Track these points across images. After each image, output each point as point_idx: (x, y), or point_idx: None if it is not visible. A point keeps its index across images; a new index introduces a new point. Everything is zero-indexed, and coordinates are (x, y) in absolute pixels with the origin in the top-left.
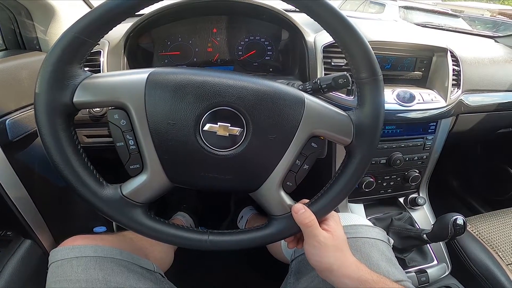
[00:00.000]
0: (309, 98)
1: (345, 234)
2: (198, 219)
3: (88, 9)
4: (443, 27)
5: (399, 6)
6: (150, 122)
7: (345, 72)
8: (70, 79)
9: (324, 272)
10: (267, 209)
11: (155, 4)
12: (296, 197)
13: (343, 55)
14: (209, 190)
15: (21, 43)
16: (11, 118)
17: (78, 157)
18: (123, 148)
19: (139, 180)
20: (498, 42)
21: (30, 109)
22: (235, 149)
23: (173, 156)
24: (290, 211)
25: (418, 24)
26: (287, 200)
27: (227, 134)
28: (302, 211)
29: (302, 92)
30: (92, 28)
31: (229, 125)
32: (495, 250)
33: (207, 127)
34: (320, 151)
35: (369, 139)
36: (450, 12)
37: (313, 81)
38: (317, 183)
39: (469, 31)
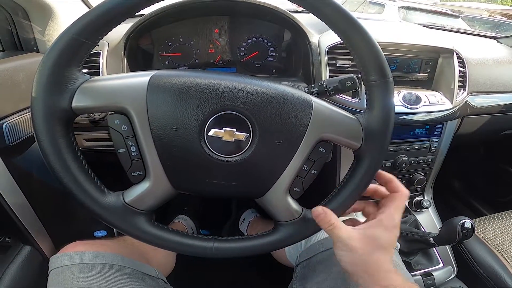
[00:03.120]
0: (316, 101)
1: None
2: (199, 222)
3: (87, 9)
4: (446, 28)
5: (399, 7)
6: (153, 128)
7: (352, 74)
8: (68, 82)
9: (354, 277)
10: (273, 215)
11: (155, 4)
12: (300, 201)
13: (348, 57)
14: (214, 196)
15: (18, 44)
16: (8, 121)
17: (78, 164)
18: (125, 155)
19: (141, 188)
20: (500, 42)
21: (27, 113)
22: (241, 155)
23: (176, 162)
24: (297, 217)
25: (420, 25)
26: (294, 205)
27: (233, 140)
28: (322, 215)
29: (309, 95)
30: (90, 29)
31: (235, 130)
32: (501, 253)
33: (212, 132)
34: (327, 155)
35: (379, 143)
36: (449, 12)
37: (319, 84)
38: (321, 187)
39: (472, 32)
